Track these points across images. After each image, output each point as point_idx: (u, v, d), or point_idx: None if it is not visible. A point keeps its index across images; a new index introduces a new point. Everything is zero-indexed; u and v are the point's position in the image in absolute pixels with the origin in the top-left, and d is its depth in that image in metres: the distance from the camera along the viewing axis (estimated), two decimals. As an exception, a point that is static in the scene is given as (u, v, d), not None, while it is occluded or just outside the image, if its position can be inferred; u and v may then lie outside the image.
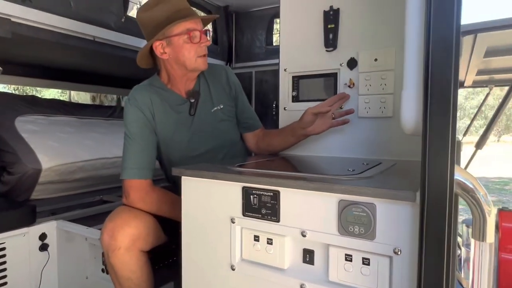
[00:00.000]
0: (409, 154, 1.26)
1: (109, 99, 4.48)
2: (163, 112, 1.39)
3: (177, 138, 1.42)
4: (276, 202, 0.85)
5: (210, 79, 1.50)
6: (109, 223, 1.22)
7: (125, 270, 1.22)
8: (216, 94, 1.48)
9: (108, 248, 1.20)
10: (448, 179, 0.60)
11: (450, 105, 0.59)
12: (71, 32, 2.16)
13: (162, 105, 1.40)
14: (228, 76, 1.52)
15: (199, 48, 1.33)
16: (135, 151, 1.32)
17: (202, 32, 1.33)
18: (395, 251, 0.71)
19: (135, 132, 1.33)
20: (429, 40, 0.60)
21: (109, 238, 1.19)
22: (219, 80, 1.50)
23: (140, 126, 1.34)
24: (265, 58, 3.33)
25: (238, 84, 1.56)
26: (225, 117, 1.49)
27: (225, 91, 1.50)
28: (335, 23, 1.39)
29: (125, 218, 1.23)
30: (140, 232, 1.23)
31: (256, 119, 1.59)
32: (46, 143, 2.19)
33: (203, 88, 1.47)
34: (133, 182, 1.30)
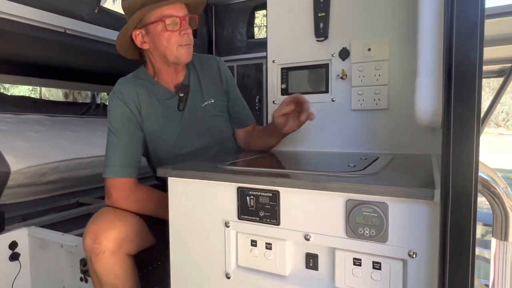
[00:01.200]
0: (405, 147, 1.22)
1: (83, 96, 4.28)
2: (150, 107, 1.30)
3: (165, 134, 1.33)
4: (275, 204, 0.77)
5: (201, 71, 1.40)
6: (92, 226, 1.13)
7: (109, 276, 1.13)
8: (207, 88, 1.39)
9: (91, 253, 1.11)
10: (474, 175, 0.54)
11: (475, 93, 0.53)
12: (40, 23, 2.01)
13: (149, 99, 1.31)
14: (219, 67, 1.43)
15: (178, 37, 1.23)
16: (118, 147, 1.23)
17: (182, 18, 1.22)
18: (410, 254, 0.65)
19: (119, 128, 1.24)
20: (451, 22, 0.53)
21: (92, 242, 1.10)
22: (210, 72, 1.41)
23: (124, 121, 1.25)
24: (247, 51, 3.24)
25: (230, 76, 1.46)
26: (216, 112, 1.40)
27: (216, 84, 1.41)
28: (326, 12, 1.32)
29: (109, 220, 1.14)
30: (126, 234, 1.14)
31: (247, 115, 1.50)
32: (14, 143, 2.03)
33: (193, 81, 1.38)
34: (116, 180, 1.21)
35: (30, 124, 2.41)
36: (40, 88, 5.30)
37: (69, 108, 3.05)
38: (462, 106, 0.54)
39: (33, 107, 2.75)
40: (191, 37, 1.26)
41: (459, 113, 0.54)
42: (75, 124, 2.74)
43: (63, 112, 2.92)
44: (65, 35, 2.17)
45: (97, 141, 2.52)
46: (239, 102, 1.48)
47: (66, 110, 2.99)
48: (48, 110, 2.82)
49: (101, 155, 2.37)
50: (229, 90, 1.44)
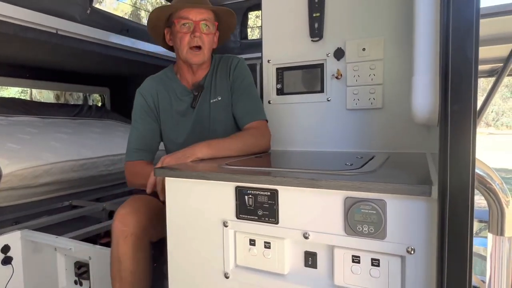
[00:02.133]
0: (400, 146, 1.23)
1: (75, 98, 4.23)
2: (167, 102, 1.42)
3: (178, 128, 1.42)
4: (274, 202, 0.77)
5: (219, 70, 1.43)
6: (121, 209, 1.21)
7: (132, 260, 1.18)
8: (218, 86, 1.41)
9: (119, 235, 1.18)
10: (470, 171, 0.55)
11: (471, 91, 0.54)
12: (31, 24, 1.98)
13: (168, 95, 1.43)
14: (231, 66, 1.42)
15: (189, 38, 1.30)
16: (134, 135, 1.41)
17: (197, 22, 1.29)
18: (408, 250, 0.65)
19: (136, 118, 1.42)
20: (448, 21, 0.54)
21: (122, 225, 1.18)
22: (225, 71, 1.43)
23: (141, 112, 1.42)
24: (240, 52, 3.24)
25: (241, 76, 1.41)
26: (222, 109, 1.40)
27: (227, 82, 1.42)
28: (320, 12, 1.33)
29: (136, 206, 1.22)
30: (150, 220, 1.21)
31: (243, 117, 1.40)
32: (5, 146, 2.00)
33: (209, 79, 1.42)
34: (128, 163, 1.38)
35: (22, 126, 2.37)
36: (31, 90, 5.21)
37: (61, 110, 3.02)
38: (458, 103, 0.55)
39: (24, 109, 2.71)
40: (204, 41, 1.31)
41: (456, 110, 0.55)
42: (68, 126, 2.70)
43: (55, 113, 2.89)
44: (57, 35, 2.14)
45: (90, 143, 2.49)
46: (239, 102, 1.40)
47: (58, 111, 2.95)
48: (40, 111, 2.78)
49: (94, 157, 2.36)
50: (234, 89, 1.41)
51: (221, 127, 1.40)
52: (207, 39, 1.32)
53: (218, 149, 1.15)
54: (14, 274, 1.60)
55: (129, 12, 7.69)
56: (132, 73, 3.27)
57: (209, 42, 1.33)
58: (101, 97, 3.72)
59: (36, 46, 2.17)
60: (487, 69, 2.20)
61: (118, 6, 7.85)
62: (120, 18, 2.79)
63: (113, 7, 7.16)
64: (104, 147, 2.52)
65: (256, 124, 1.34)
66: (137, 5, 8.44)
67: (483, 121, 17.23)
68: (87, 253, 1.45)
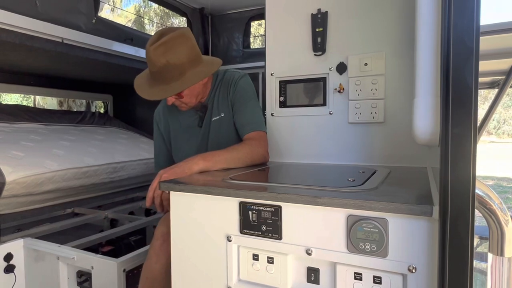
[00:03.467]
0: (402, 160, 1.25)
1: (77, 104, 4.25)
2: (176, 123, 1.52)
3: (187, 147, 1.49)
4: (277, 218, 0.78)
5: (221, 87, 1.45)
6: (162, 227, 1.24)
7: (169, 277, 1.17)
8: (220, 103, 1.43)
9: (159, 252, 1.20)
10: (470, 192, 0.56)
11: (472, 114, 0.56)
12: (37, 33, 2.01)
13: (176, 117, 1.52)
14: (231, 83, 1.42)
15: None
16: (155, 151, 1.62)
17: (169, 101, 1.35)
18: (410, 268, 0.66)
19: (156, 138, 1.61)
20: (448, 47, 0.56)
21: (164, 242, 1.20)
22: (227, 88, 1.44)
23: (155, 133, 1.61)
24: (243, 61, 3.27)
25: (241, 89, 1.41)
26: (225, 126, 1.42)
27: (227, 98, 1.43)
28: (323, 27, 1.35)
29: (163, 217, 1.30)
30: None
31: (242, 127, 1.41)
32: (9, 153, 2.01)
33: (212, 98, 1.45)
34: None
35: (26, 133, 2.39)
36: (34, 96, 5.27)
37: (64, 117, 3.04)
38: (459, 126, 0.56)
39: (28, 116, 2.73)
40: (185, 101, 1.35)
41: (456, 133, 0.56)
42: (71, 133, 2.72)
43: (58, 120, 2.91)
44: (62, 44, 2.16)
45: (93, 151, 2.51)
46: (238, 115, 1.41)
47: (61, 118, 2.97)
48: (43, 119, 2.80)
49: (96, 165, 2.38)
50: (233, 103, 1.42)
51: (225, 142, 1.41)
52: (188, 98, 1.33)
53: (214, 161, 1.16)
54: (17, 282, 1.61)
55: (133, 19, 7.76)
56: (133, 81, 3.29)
57: (191, 97, 1.34)
58: (104, 104, 3.75)
59: (41, 54, 2.19)
60: (488, 81, 2.22)
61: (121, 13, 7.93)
62: (125, 27, 2.82)
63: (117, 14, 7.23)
64: (106, 154, 2.53)
65: (254, 134, 1.34)
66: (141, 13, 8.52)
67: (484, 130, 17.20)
68: (90, 262, 1.46)
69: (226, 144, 1.41)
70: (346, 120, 1.33)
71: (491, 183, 8.37)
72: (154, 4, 2.99)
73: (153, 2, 3.06)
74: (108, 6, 5.33)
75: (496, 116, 18.02)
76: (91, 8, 2.37)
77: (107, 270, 1.40)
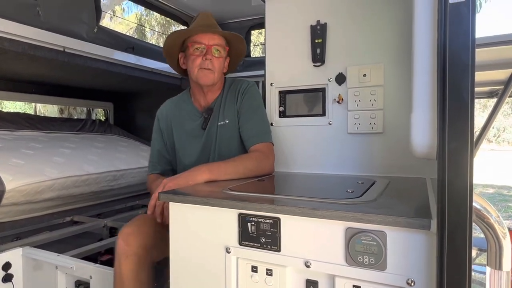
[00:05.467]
0: (400, 170, 1.25)
1: (78, 112, 4.27)
2: (180, 124, 1.51)
3: (190, 148, 1.49)
4: (276, 230, 0.78)
5: (229, 94, 1.47)
6: (125, 229, 1.23)
7: (135, 280, 1.19)
8: (226, 109, 1.45)
9: (121, 253, 1.18)
10: (468, 206, 0.56)
11: (468, 128, 0.56)
12: (39, 42, 2.02)
13: (181, 117, 1.51)
14: (240, 89, 1.44)
15: (201, 61, 1.36)
16: (152, 151, 1.58)
17: (209, 46, 1.36)
18: (408, 282, 0.66)
19: (154, 137, 1.58)
20: (444, 63, 0.57)
21: (124, 244, 1.18)
22: (234, 95, 1.46)
23: (157, 132, 1.57)
24: (243, 70, 3.29)
25: (249, 99, 1.42)
26: (229, 132, 1.42)
27: (234, 105, 1.44)
28: (322, 38, 1.36)
29: (140, 225, 1.24)
30: (153, 240, 1.23)
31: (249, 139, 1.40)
32: (10, 161, 2.02)
33: (218, 102, 1.46)
34: (149, 176, 1.55)
35: (26, 141, 2.40)
36: (35, 104, 5.29)
37: (65, 125, 3.05)
38: (455, 141, 0.57)
39: (29, 123, 2.74)
40: (214, 64, 1.37)
41: (453, 148, 0.57)
42: (71, 141, 2.73)
43: (59, 128, 2.92)
44: (64, 53, 2.18)
45: (93, 158, 2.51)
46: (248, 126, 1.40)
47: (62, 126, 2.98)
48: (44, 126, 2.81)
49: (96, 173, 2.38)
50: (240, 112, 1.42)
51: (226, 149, 1.42)
52: (217, 62, 1.38)
53: (219, 173, 1.17)
54: (14, 292, 1.60)
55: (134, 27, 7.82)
56: (135, 88, 3.31)
57: (219, 65, 1.39)
58: (105, 112, 3.77)
59: (43, 63, 2.21)
60: (486, 91, 2.24)
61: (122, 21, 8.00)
62: (126, 36, 2.85)
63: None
64: (106, 162, 2.54)
65: (260, 146, 1.34)
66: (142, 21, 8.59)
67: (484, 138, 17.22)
68: (88, 272, 1.45)
69: (227, 150, 1.42)
70: (345, 130, 1.34)
71: (492, 191, 8.36)
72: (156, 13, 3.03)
73: (154, 11, 3.09)
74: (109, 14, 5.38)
75: (496, 124, 18.06)
76: (93, 17, 2.40)
77: (106, 279, 1.40)
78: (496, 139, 19.61)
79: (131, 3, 3.73)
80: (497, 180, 9.39)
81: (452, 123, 0.56)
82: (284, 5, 1.46)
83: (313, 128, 1.40)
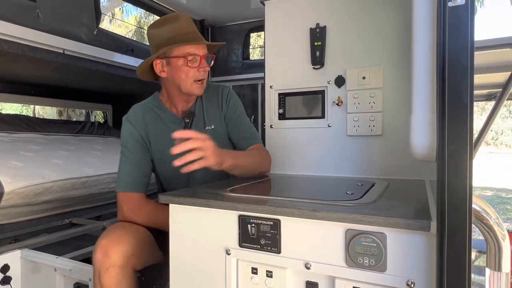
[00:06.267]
0: (400, 173, 1.25)
1: (77, 114, 4.27)
2: (157, 131, 1.41)
3: (169, 157, 1.38)
4: (276, 232, 0.79)
5: (206, 99, 1.46)
6: (102, 240, 1.16)
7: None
8: (210, 114, 1.44)
9: (101, 267, 1.13)
10: (468, 208, 0.57)
11: (467, 130, 0.57)
12: (38, 44, 2.03)
13: (157, 124, 1.42)
14: (223, 95, 1.46)
15: (196, 72, 1.32)
16: (128, 164, 1.36)
17: (203, 57, 1.33)
18: (408, 283, 0.66)
19: (129, 147, 1.37)
20: (444, 65, 0.57)
21: (102, 256, 1.13)
22: (215, 100, 1.46)
23: (133, 140, 1.38)
24: (242, 72, 3.30)
25: (233, 104, 1.46)
26: (216, 137, 1.42)
27: (218, 110, 1.46)
28: (321, 41, 1.37)
29: (118, 235, 1.19)
30: (133, 249, 1.17)
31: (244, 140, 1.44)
32: (8, 163, 2.01)
33: (198, 107, 1.45)
34: (126, 194, 1.32)
35: (25, 143, 2.39)
36: (34, 106, 5.30)
37: (64, 127, 3.04)
38: (455, 143, 0.57)
39: (27, 125, 2.74)
40: (206, 74, 1.36)
41: (453, 150, 0.57)
42: (70, 143, 2.72)
43: (58, 130, 2.91)
44: (63, 55, 2.18)
45: (92, 161, 2.51)
46: (240, 129, 1.45)
47: (61, 128, 2.97)
48: (43, 128, 2.80)
49: (96, 175, 2.38)
50: (229, 117, 1.46)
51: None
52: (207, 72, 1.36)
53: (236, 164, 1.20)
54: (13, 294, 1.59)
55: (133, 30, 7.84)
56: (134, 91, 3.31)
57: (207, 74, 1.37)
58: (104, 114, 3.76)
59: (42, 65, 2.21)
60: (484, 94, 2.25)
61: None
62: (125, 39, 2.85)
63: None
64: (105, 164, 2.54)
65: (259, 145, 1.41)
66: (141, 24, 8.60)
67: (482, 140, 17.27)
68: (87, 274, 1.45)
69: None
70: (344, 132, 1.34)
71: (490, 194, 8.38)
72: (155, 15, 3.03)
73: (153, 13, 3.10)
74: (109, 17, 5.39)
75: (494, 127, 18.13)
76: (93, 19, 2.40)
77: (104, 282, 1.39)
78: (494, 142, 19.67)
79: (130, 5, 3.74)
80: (496, 182, 9.41)
81: (451, 125, 0.57)
82: (283, 7, 1.46)
83: (312, 131, 1.40)
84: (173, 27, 1.32)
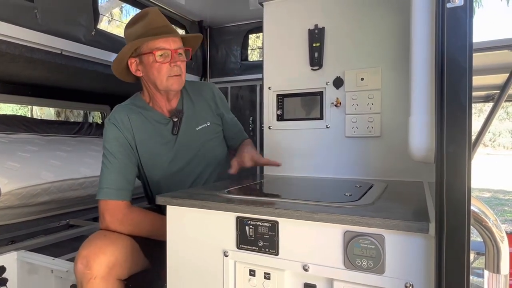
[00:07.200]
0: (398, 174, 1.25)
1: (75, 114, 4.26)
2: (144, 132, 1.35)
3: (160, 157, 1.37)
4: (274, 234, 0.78)
5: (195, 97, 1.45)
6: (83, 251, 1.12)
7: None
8: (201, 112, 1.44)
9: (82, 278, 1.10)
10: (466, 210, 0.56)
11: (466, 132, 0.57)
12: (36, 45, 2.02)
13: (144, 125, 1.36)
14: (213, 93, 1.49)
15: (169, 68, 1.28)
16: (112, 170, 1.27)
17: (174, 51, 1.28)
18: (407, 285, 0.66)
19: (113, 151, 1.29)
20: (442, 67, 0.57)
21: (84, 267, 1.09)
22: (204, 98, 1.46)
23: (118, 145, 1.30)
24: (241, 73, 3.30)
25: (224, 101, 1.53)
26: (211, 135, 1.44)
27: (210, 108, 1.46)
28: (320, 42, 1.37)
29: (100, 245, 1.13)
30: (116, 259, 1.13)
31: (238, 138, 1.55)
32: (5, 164, 2.00)
33: (186, 106, 1.42)
34: (109, 203, 1.24)
35: (22, 144, 2.38)
36: (32, 107, 5.29)
37: (62, 128, 3.03)
38: (453, 145, 0.57)
39: (25, 126, 2.73)
40: (182, 69, 1.32)
41: (451, 151, 0.57)
42: (68, 144, 2.71)
43: (55, 131, 2.91)
44: (61, 56, 2.18)
45: (90, 161, 2.50)
46: (232, 125, 1.53)
47: (58, 129, 2.97)
48: (41, 129, 2.80)
49: (93, 176, 2.37)
50: (222, 114, 1.49)
51: (211, 151, 1.44)
52: (183, 65, 1.32)
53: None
54: (9, 296, 1.58)
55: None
56: (132, 91, 3.31)
57: (184, 68, 1.33)
58: (102, 115, 3.76)
59: (40, 65, 2.20)
60: (482, 95, 2.25)
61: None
62: (124, 39, 2.84)
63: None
64: (103, 165, 2.53)
65: (248, 140, 1.54)
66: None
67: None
68: (84, 276, 1.44)
69: (211, 152, 1.44)
70: (343, 134, 1.34)
71: (488, 195, 8.39)
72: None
73: (152, 14, 3.09)
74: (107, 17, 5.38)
75: (492, 128, 18.19)
76: (91, 20, 2.40)
77: (101, 284, 1.38)
78: (492, 143, 19.73)
79: (129, 6, 3.74)
80: (493, 184, 9.43)
81: (450, 126, 0.57)
82: (282, 9, 1.46)
83: (310, 132, 1.40)
84: (143, 24, 1.29)
